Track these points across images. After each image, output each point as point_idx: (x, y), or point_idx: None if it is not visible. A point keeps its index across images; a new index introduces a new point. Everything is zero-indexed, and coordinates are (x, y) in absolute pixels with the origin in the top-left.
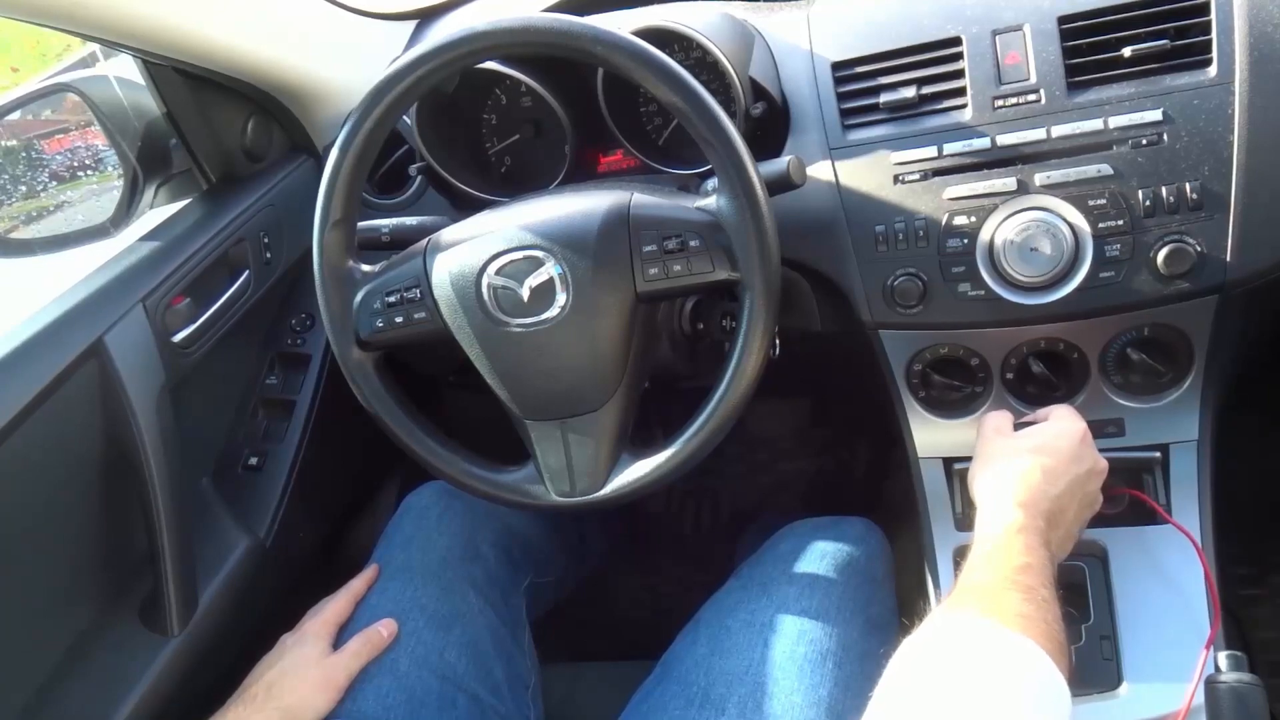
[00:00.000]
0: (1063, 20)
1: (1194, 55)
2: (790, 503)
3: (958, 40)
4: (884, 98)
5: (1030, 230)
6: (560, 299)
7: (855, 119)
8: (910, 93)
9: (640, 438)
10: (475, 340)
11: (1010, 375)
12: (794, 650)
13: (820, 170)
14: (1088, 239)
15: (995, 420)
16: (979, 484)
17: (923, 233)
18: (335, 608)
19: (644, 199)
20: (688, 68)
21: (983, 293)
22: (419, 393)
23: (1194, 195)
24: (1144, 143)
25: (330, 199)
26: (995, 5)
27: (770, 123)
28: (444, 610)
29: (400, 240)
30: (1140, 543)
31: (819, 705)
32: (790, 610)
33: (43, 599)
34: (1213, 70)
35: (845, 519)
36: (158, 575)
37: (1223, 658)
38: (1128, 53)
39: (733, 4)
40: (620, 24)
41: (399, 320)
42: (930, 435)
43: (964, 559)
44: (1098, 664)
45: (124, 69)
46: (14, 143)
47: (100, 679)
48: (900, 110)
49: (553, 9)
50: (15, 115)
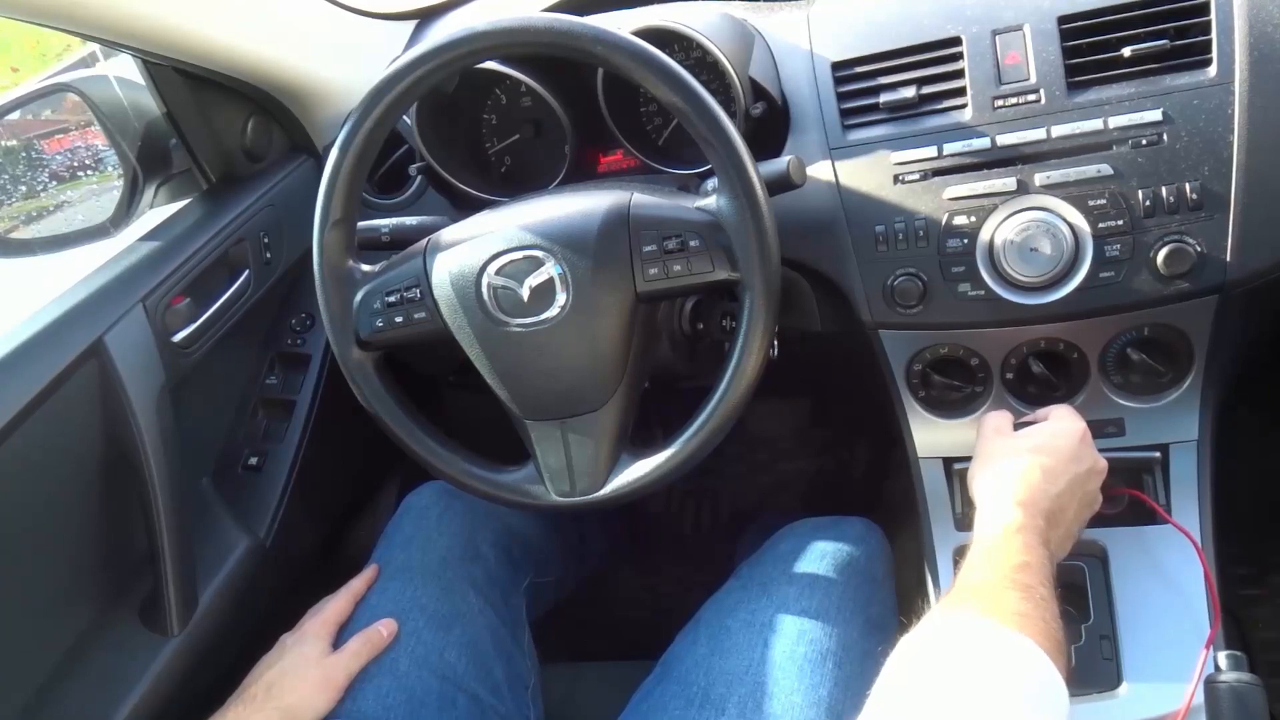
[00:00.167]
0: (1063, 20)
1: (1194, 55)
2: (790, 503)
3: (958, 40)
4: (884, 98)
5: (1030, 230)
6: (560, 299)
7: (855, 119)
8: (910, 93)
9: (640, 438)
10: (475, 340)
11: (1010, 375)
12: (794, 650)
13: (820, 170)
14: (1088, 239)
15: (995, 420)
16: (978, 483)
17: (923, 233)
18: (335, 607)
19: (644, 199)
20: (688, 68)
21: (983, 293)
22: (419, 393)
23: (1194, 195)
24: (1144, 143)
25: (330, 199)
26: (995, 5)
27: (770, 123)
28: (444, 610)
29: (400, 240)
30: (1140, 543)
31: (819, 705)
32: (790, 610)
33: (43, 599)
34: (1213, 70)
35: (845, 519)
36: (158, 575)
37: (1222, 657)
38: (1128, 53)
39: (733, 4)
40: (620, 24)
41: (399, 320)
42: (930, 435)
43: (964, 558)
44: (1097, 664)
45: (124, 69)
46: (14, 143)
47: (100, 679)
48: (900, 110)
49: (552, 9)
50: (15, 115)
